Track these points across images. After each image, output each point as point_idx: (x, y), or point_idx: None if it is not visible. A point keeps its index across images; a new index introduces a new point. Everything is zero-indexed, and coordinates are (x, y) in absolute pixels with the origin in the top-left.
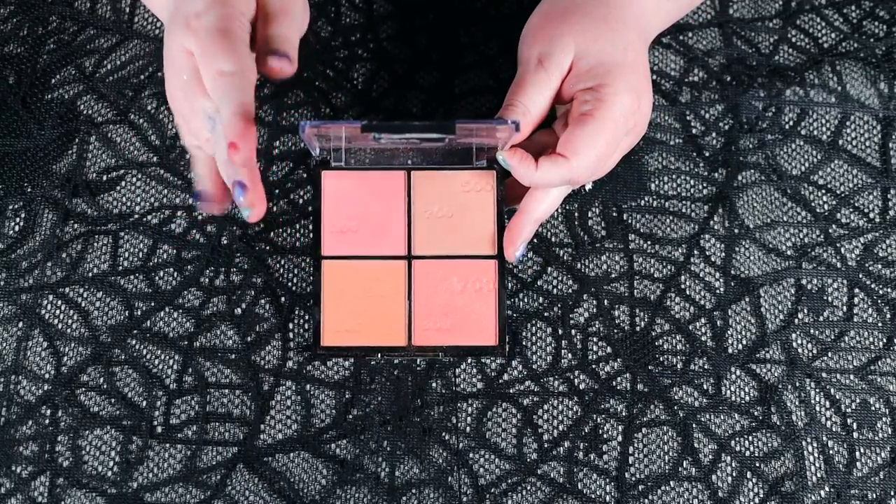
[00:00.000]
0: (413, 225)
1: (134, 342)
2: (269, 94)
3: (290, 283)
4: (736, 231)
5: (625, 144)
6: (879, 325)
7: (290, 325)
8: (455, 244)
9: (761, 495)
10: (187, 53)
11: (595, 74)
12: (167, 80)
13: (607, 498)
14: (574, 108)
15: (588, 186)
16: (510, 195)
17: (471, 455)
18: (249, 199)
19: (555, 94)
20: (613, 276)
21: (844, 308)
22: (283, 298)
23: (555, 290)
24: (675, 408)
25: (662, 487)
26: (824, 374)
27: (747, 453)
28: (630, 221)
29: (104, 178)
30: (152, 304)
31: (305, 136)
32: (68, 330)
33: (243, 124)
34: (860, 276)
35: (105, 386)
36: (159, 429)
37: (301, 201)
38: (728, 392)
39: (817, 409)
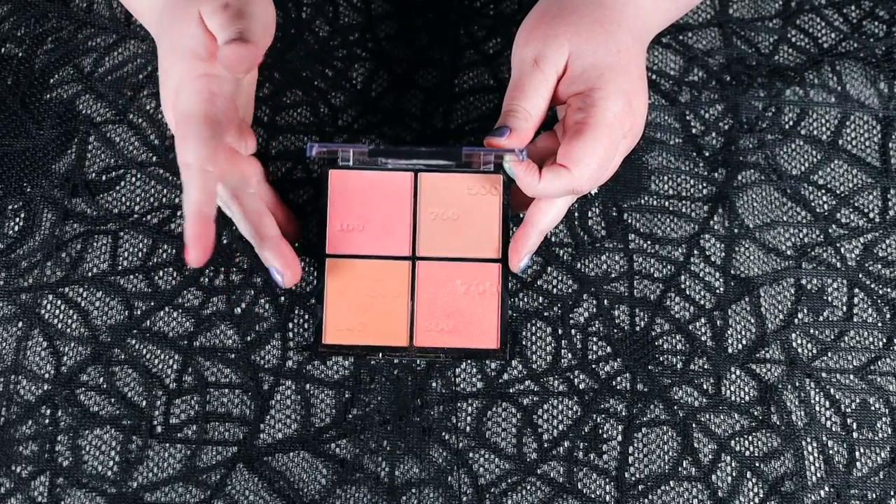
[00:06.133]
0: (418, 226)
1: (133, 342)
2: (268, 93)
3: None
4: (736, 231)
5: (623, 147)
6: (879, 325)
7: (290, 325)
8: (459, 246)
9: (761, 495)
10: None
11: (587, 78)
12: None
13: (607, 498)
14: (568, 117)
15: (594, 191)
16: (515, 201)
17: (470, 455)
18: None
19: (552, 95)
20: (613, 275)
21: (844, 308)
22: (282, 298)
23: (555, 290)
24: (675, 408)
25: (662, 487)
26: (824, 374)
27: (747, 453)
28: (630, 221)
29: (104, 177)
30: (152, 303)
31: (312, 158)
32: (68, 330)
33: (195, 227)
34: (860, 276)
35: (105, 386)
36: (159, 428)
37: (300, 201)
38: (728, 392)
39: (817, 409)
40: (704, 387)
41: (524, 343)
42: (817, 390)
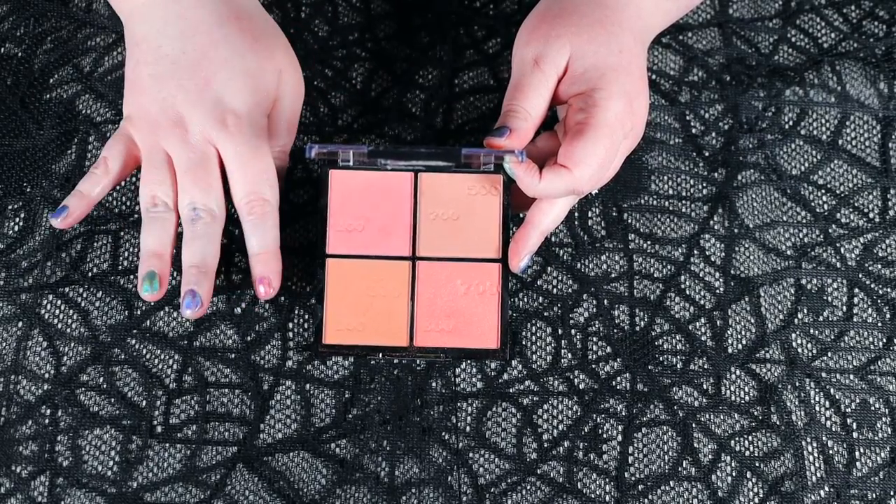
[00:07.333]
0: (419, 226)
1: (134, 342)
2: None
3: (289, 283)
4: (736, 231)
5: (624, 148)
6: (879, 325)
7: (290, 325)
8: (460, 246)
9: (761, 495)
10: (209, 143)
11: (588, 78)
12: (148, 131)
13: (607, 498)
14: (569, 117)
15: (594, 192)
16: (516, 202)
17: (470, 455)
18: (196, 314)
19: (552, 95)
20: (613, 275)
21: (844, 308)
22: (282, 298)
23: (555, 290)
24: (675, 408)
25: (662, 487)
26: (824, 374)
27: (747, 453)
28: (630, 221)
29: None
30: (152, 303)
31: (312, 158)
32: (68, 330)
33: (276, 262)
34: (860, 276)
35: (105, 386)
36: (159, 428)
37: (301, 201)
38: (728, 392)
39: (817, 409)
40: (704, 387)
41: (524, 343)
42: (817, 390)
